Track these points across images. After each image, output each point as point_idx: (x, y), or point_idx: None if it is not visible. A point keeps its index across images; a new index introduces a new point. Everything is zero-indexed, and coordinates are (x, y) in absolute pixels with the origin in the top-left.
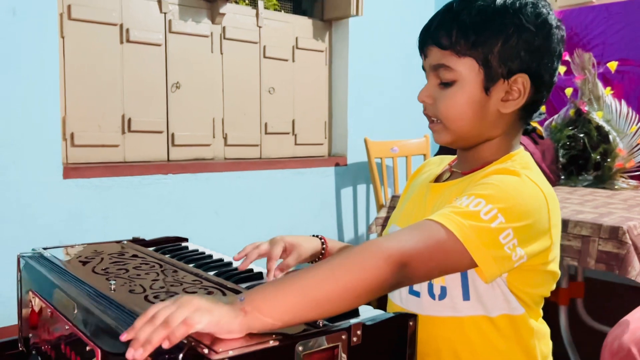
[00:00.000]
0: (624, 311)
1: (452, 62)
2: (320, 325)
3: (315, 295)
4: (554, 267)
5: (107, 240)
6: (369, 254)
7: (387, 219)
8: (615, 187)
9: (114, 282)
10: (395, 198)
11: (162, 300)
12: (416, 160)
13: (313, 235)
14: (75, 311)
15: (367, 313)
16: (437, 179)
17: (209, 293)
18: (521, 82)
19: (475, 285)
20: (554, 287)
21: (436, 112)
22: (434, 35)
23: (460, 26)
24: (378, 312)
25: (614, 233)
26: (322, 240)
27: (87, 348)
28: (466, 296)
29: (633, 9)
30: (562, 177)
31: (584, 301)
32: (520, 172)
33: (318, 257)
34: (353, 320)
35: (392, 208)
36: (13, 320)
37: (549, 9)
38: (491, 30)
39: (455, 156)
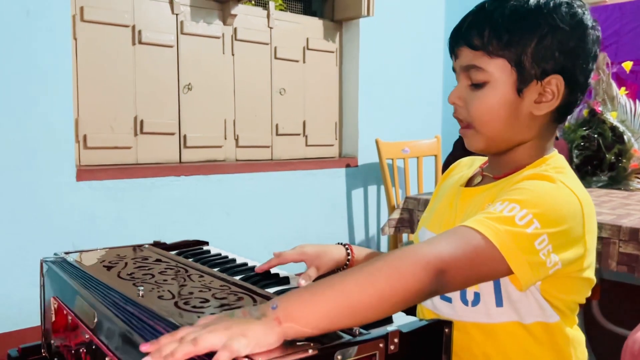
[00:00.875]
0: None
1: (483, 63)
2: (357, 333)
3: (351, 301)
4: (590, 274)
5: (122, 242)
6: (407, 260)
7: (400, 220)
8: (631, 187)
9: (141, 287)
10: (408, 200)
11: (193, 306)
12: (427, 161)
13: (339, 243)
14: (95, 319)
15: (401, 320)
16: (468, 182)
17: (239, 299)
18: (555, 84)
19: (508, 292)
20: (589, 293)
21: (467, 114)
22: (466, 36)
23: (492, 26)
24: (412, 319)
25: (634, 235)
26: (348, 248)
27: (107, 359)
28: (499, 303)
29: None
30: None
31: (599, 303)
32: (555, 178)
33: (343, 266)
34: (390, 328)
35: (405, 209)
36: (31, 322)
37: (584, 9)
38: (524, 30)
39: (486, 158)
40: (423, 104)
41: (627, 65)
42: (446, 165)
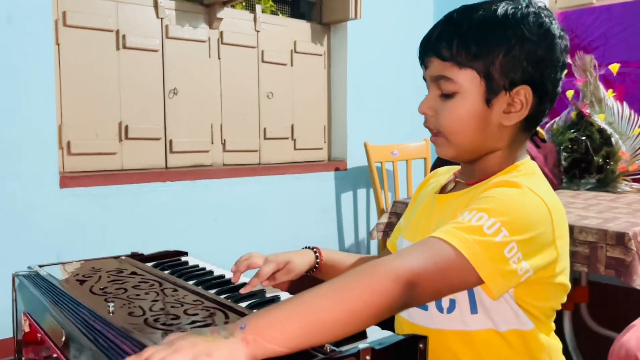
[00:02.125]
0: (629, 315)
1: (453, 74)
2: (328, 350)
3: (322, 318)
4: (563, 279)
5: (105, 250)
6: (377, 274)
7: (388, 224)
8: (619, 190)
9: (112, 303)
10: (396, 204)
11: (163, 323)
12: (417, 163)
13: (306, 247)
14: (63, 338)
15: (375, 334)
16: (442, 189)
17: (211, 315)
18: (523, 94)
19: (481, 299)
20: (564, 299)
21: (437, 124)
22: (435, 46)
23: (461, 37)
24: (386, 334)
25: (620, 239)
26: (316, 252)
27: None
28: (474, 309)
29: (634, 11)
30: (564, 180)
31: (588, 306)
32: (521, 184)
33: (313, 269)
34: (361, 345)
35: (393, 213)
36: (9, 333)
37: (551, 18)
38: (492, 41)
39: (460, 166)
40: (412, 106)
41: (614, 68)
42: (434, 168)
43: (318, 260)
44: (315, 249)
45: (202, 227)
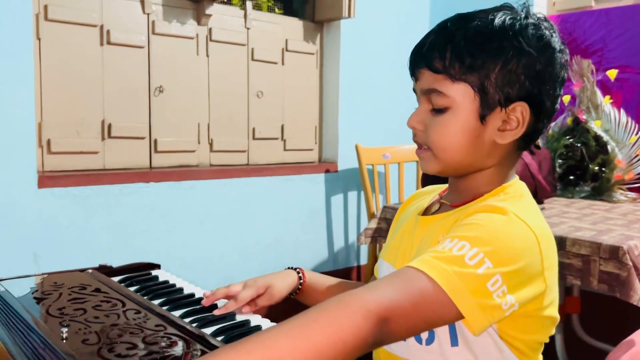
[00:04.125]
0: (622, 327)
1: (445, 88)
2: None
3: (283, 357)
4: (552, 311)
5: (85, 253)
6: (345, 309)
7: (377, 230)
8: (614, 199)
9: (66, 328)
10: (386, 209)
11: (117, 354)
12: (409, 167)
13: (289, 268)
14: None
15: None
16: (426, 211)
17: (171, 344)
18: (520, 111)
19: (462, 332)
20: (553, 331)
21: (427, 140)
22: (427, 58)
23: (454, 48)
24: None
25: (614, 253)
26: (300, 273)
27: None
28: (454, 342)
29: (633, 15)
30: (559, 187)
31: (580, 316)
32: (507, 210)
33: (295, 291)
34: None
35: (383, 219)
36: None
37: (552, 31)
38: (488, 53)
39: (447, 186)
40: (405, 108)
41: (612, 74)
42: (424, 182)
43: (301, 281)
44: (298, 270)
45: (187, 230)
